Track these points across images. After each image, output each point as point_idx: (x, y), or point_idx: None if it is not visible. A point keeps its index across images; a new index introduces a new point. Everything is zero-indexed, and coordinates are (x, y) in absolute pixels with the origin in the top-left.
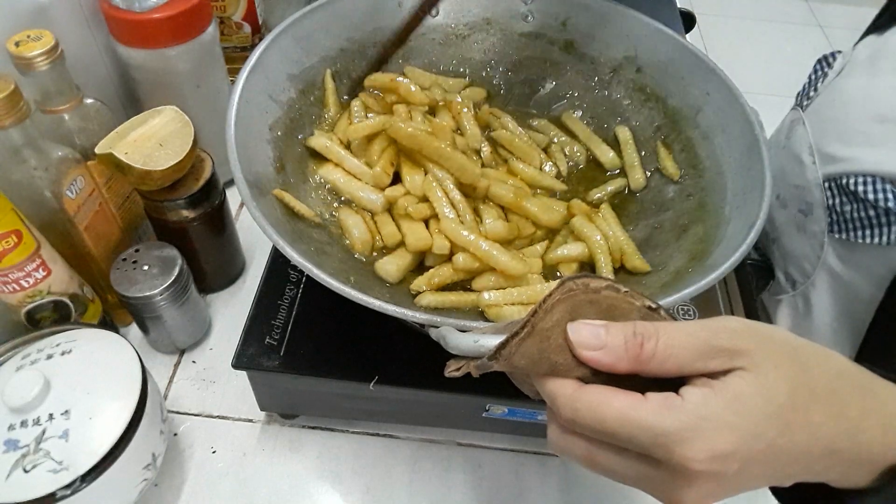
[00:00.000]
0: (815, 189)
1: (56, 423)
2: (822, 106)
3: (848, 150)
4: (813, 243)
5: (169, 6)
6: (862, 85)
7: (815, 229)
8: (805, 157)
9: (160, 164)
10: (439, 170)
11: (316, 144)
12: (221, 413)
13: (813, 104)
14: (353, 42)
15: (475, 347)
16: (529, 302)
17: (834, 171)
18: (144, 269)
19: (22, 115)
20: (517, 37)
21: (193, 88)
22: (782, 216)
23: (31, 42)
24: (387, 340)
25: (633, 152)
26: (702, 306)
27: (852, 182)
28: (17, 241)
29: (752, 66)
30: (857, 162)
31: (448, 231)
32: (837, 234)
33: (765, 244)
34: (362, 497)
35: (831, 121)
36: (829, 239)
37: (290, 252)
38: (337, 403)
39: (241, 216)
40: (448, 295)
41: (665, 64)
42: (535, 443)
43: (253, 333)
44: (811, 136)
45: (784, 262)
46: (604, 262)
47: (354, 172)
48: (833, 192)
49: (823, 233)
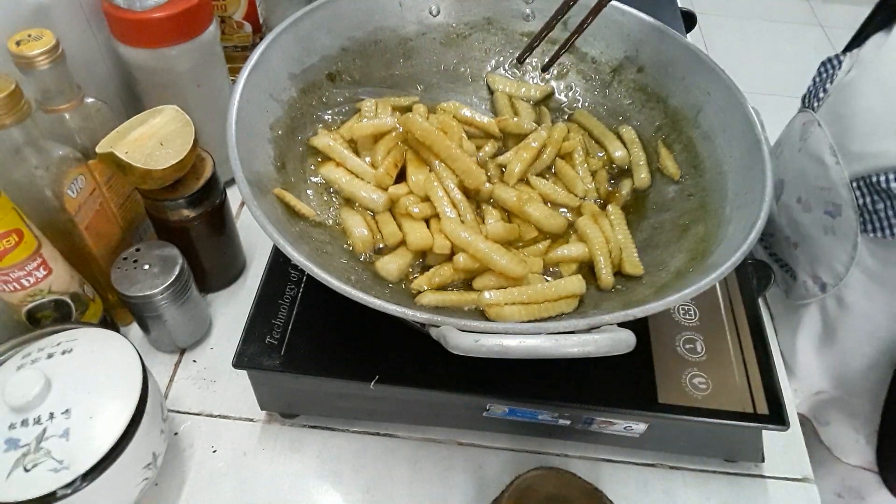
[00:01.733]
0: (842, 189)
1: (57, 423)
2: (838, 105)
3: (874, 146)
4: (844, 244)
5: (170, 5)
6: (881, 79)
7: (845, 230)
8: (827, 158)
9: (161, 164)
10: (444, 169)
11: (319, 143)
12: (222, 412)
13: (826, 105)
14: (354, 41)
15: (475, 347)
16: (530, 301)
17: (862, 169)
18: (145, 268)
19: (23, 115)
20: (518, 36)
21: (194, 88)
22: (807, 219)
23: (32, 41)
24: (387, 340)
25: (640, 151)
26: (702, 306)
27: (883, 179)
28: (18, 241)
29: (753, 66)
30: (885, 157)
31: (448, 231)
32: (871, 233)
33: (784, 249)
34: (362, 497)
35: (850, 118)
36: (863, 238)
37: (290, 251)
38: (337, 403)
39: (241, 215)
40: (448, 294)
41: (666, 64)
42: (535, 443)
43: (253, 333)
44: (830, 137)
45: (811, 267)
46: (603, 264)
47: (357, 172)
48: (863, 192)
49: (856, 233)
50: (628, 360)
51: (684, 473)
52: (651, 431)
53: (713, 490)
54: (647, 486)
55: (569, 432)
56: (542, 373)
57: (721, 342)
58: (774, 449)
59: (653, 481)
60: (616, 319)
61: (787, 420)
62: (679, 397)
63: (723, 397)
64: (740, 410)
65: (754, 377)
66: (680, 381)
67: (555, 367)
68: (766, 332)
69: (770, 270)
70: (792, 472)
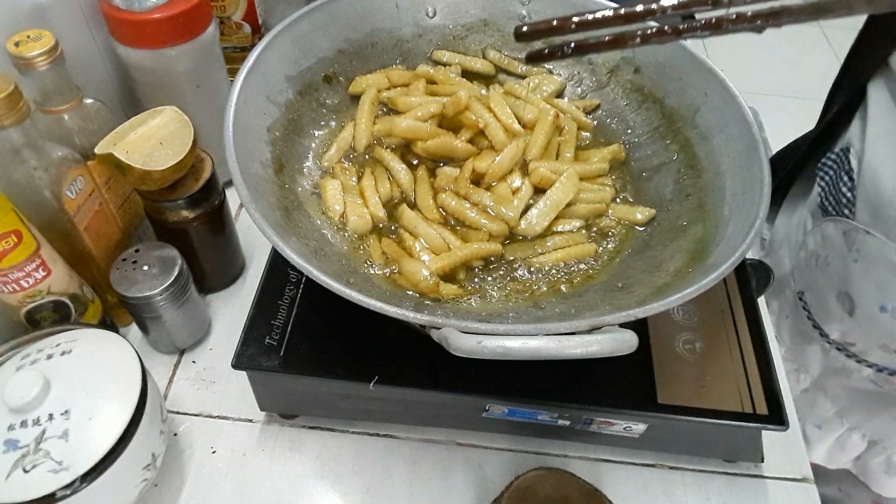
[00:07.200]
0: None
1: (56, 423)
2: (871, 196)
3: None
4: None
5: (169, 6)
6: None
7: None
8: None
9: (160, 165)
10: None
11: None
12: (221, 413)
13: (861, 204)
14: (350, 43)
15: (478, 349)
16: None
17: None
18: (144, 269)
19: (22, 116)
20: (515, 38)
21: (193, 88)
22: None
23: (31, 42)
24: (387, 340)
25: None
26: (702, 306)
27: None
28: (17, 241)
29: (752, 66)
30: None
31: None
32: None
33: (884, 356)
34: (362, 497)
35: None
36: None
37: (288, 253)
38: (337, 403)
39: (241, 216)
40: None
41: (663, 64)
42: (535, 443)
43: (253, 333)
44: (886, 238)
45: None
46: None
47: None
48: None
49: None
50: (628, 360)
51: (684, 474)
52: (650, 432)
53: (713, 490)
54: (647, 487)
55: (568, 433)
56: (541, 373)
57: (720, 342)
58: (774, 449)
59: (652, 481)
60: (617, 320)
61: (786, 420)
62: (678, 397)
63: (722, 397)
64: (740, 411)
65: (754, 377)
66: (679, 381)
67: (554, 368)
68: (765, 333)
69: (770, 271)
70: (792, 473)
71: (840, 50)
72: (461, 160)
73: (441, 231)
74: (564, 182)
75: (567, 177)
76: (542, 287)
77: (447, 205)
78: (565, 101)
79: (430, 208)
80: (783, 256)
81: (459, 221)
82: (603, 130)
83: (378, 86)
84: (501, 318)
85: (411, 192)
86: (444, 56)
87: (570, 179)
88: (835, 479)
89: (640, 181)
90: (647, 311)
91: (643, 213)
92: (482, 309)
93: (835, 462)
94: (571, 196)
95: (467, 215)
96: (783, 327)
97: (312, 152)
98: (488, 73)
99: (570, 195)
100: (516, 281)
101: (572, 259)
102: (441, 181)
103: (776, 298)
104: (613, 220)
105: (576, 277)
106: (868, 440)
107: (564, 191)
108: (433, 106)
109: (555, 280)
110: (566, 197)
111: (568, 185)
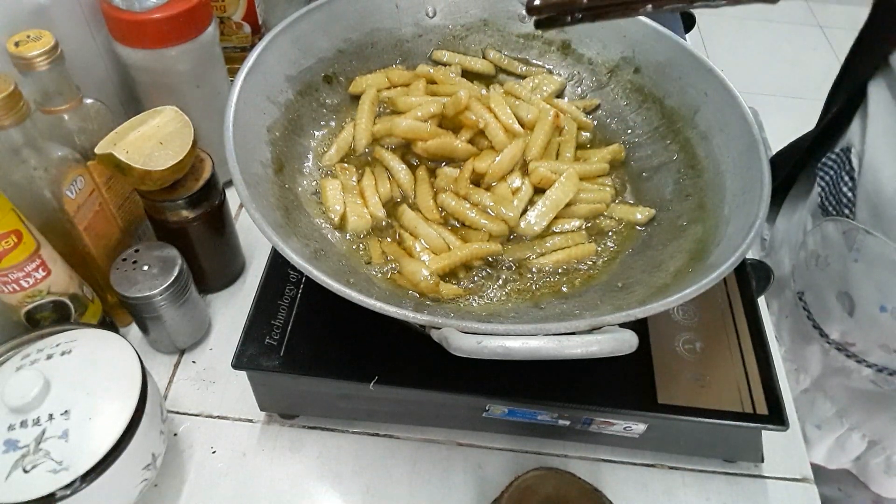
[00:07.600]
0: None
1: (56, 424)
2: (871, 196)
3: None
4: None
5: (169, 6)
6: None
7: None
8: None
9: (160, 165)
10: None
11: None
12: (221, 413)
13: (861, 203)
14: (350, 43)
15: (478, 349)
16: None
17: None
18: (144, 269)
19: (22, 116)
20: (514, 38)
21: (193, 88)
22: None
23: (31, 42)
24: (387, 340)
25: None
26: (702, 306)
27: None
28: (17, 241)
29: (752, 67)
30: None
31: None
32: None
33: (884, 356)
34: (362, 497)
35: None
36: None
37: (288, 253)
38: (337, 403)
39: (240, 216)
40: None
41: (663, 64)
42: (535, 443)
43: (253, 333)
44: (887, 237)
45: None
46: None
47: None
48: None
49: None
50: (628, 360)
51: (684, 474)
52: (650, 432)
53: (713, 490)
54: (647, 487)
55: (568, 433)
56: (541, 373)
57: (720, 342)
58: (774, 449)
59: (652, 481)
60: (617, 320)
61: (786, 420)
62: (678, 397)
63: (722, 397)
64: (740, 411)
65: (754, 377)
66: (679, 381)
67: (554, 368)
68: (765, 333)
69: (770, 271)
70: (792, 472)
71: (840, 50)
72: (461, 160)
73: (441, 231)
74: (564, 182)
75: (567, 177)
76: (542, 287)
77: (447, 205)
78: (565, 101)
79: (430, 208)
80: (783, 256)
81: (459, 221)
82: (603, 130)
83: (378, 86)
84: (501, 318)
85: (411, 192)
86: (444, 56)
87: (570, 179)
88: (835, 479)
89: (640, 181)
90: (647, 311)
91: (643, 213)
92: (482, 309)
93: (835, 462)
94: (571, 196)
95: (467, 215)
96: (783, 327)
97: (312, 152)
98: (488, 73)
99: (570, 195)
100: (516, 281)
101: (572, 259)
102: (441, 181)
103: (776, 298)
104: (613, 221)
105: (576, 277)
106: (868, 440)
107: (564, 191)
108: (433, 106)
109: (555, 280)
110: (566, 197)
111: (568, 185)
